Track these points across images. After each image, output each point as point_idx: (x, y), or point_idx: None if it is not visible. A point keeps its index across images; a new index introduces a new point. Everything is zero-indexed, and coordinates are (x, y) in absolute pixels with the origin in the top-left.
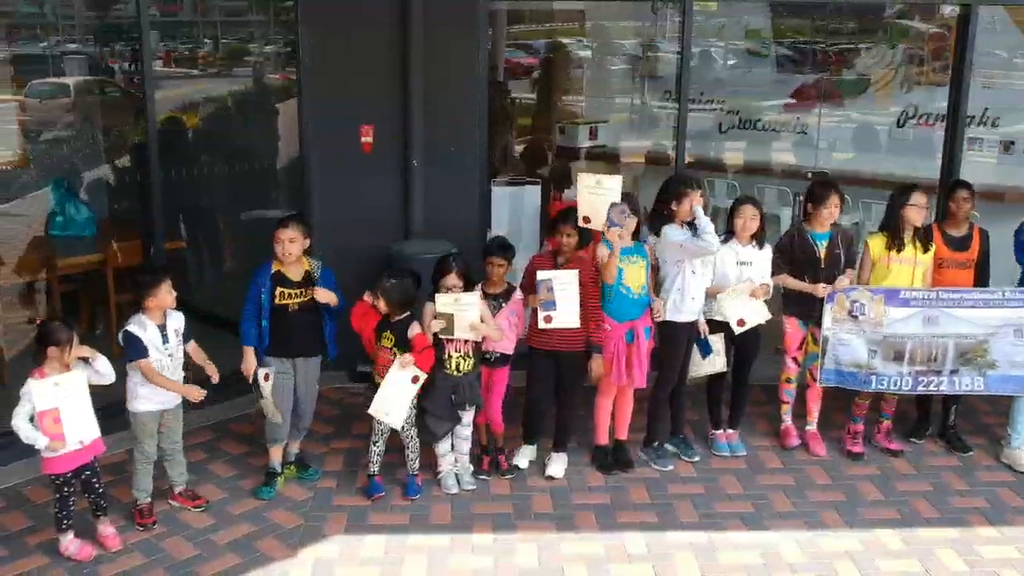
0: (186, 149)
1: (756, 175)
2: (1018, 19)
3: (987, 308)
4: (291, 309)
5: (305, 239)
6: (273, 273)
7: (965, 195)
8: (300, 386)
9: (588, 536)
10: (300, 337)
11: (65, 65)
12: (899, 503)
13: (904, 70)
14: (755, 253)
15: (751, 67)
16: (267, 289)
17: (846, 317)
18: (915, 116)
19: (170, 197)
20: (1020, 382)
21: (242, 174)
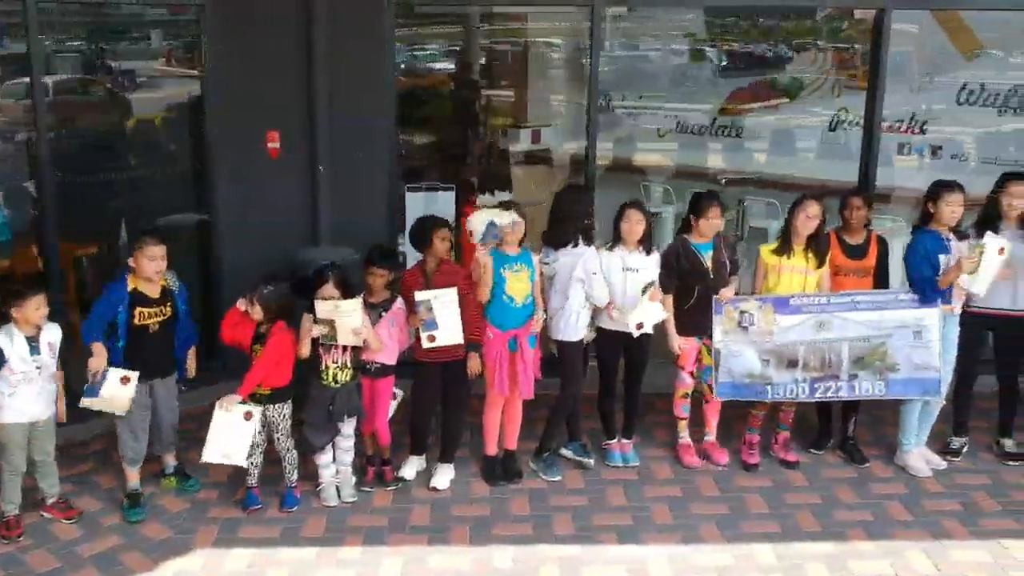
0: (135, 153)
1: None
2: (945, 23)
3: (881, 311)
4: (151, 329)
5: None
6: (130, 291)
7: (859, 203)
8: (160, 408)
9: (458, 550)
10: (158, 357)
11: (56, 64)
12: (784, 516)
13: (835, 74)
14: (642, 259)
15: (689, 70)
16: (125, 308)
17: (736, 328)
18: (846, 120)
19: (94, 201)
20: (922, 385)
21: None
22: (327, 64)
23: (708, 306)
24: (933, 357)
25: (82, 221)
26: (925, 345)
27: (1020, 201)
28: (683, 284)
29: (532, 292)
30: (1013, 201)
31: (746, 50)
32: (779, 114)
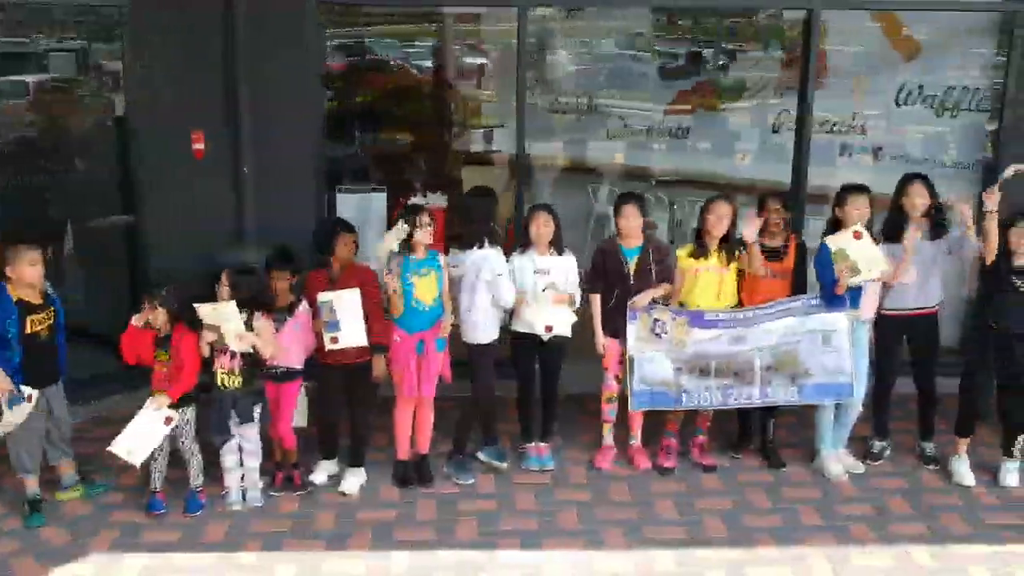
0: (60, 156)
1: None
2: (883, 25)
3: (790, 317)
4: (41, 337)
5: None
6: (15, 301)
7: (776, 206)
8: (56, 413)
9: (355, 555)
10: (51, 364)
11: (50, 62)
12: (692, 522)
13: (777, 75)
14: (553, 261)
15: (636, 71)
16: (14, 318)
17: (650, 335)
18: (788, 122)
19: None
20: (835, 390)
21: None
22: (251, 64)
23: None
24: (844, 361)
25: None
26: (835, 350)
27: (922, 200)
28: (606, 286)
29: (440, 295)
30: (915, 200)
31: (691, 51)
32: (723, 115)
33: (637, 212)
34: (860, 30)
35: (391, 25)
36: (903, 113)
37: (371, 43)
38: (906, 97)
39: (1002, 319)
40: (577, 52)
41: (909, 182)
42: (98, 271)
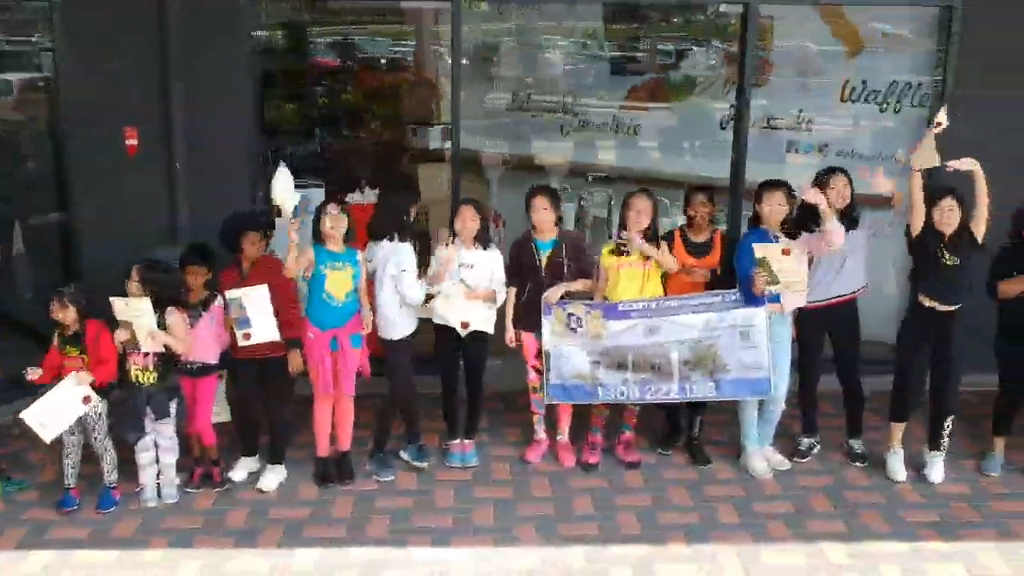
0: None
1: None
2: (829, 19)
3: (709, 312)
4: None
5: None
6: None
7: (703, 200)
8: None
9: (262, 553)
10: None
11: (42, 61)
12: (607, 518)
13: (724, 71)
14: (478, 255)
15: (589, 68)
16: None
17: (565, 330)
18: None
19: None
20: (753, 385)
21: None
22: (184, 60)
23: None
24: (762, 357)
25: None
26: (754, 345)
27: (844, 191)
28: (520, 279)
29: (356, 291)
30: (839, 189)
31: (642, 48)
32: (673, 112)
33: (548, 204)
34: (806, 26)
35: (345, 25)
36: (848, 109)
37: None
38: (851, 93)
39: (931, 295)
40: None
41: (831, 175)
42: (34, 269)
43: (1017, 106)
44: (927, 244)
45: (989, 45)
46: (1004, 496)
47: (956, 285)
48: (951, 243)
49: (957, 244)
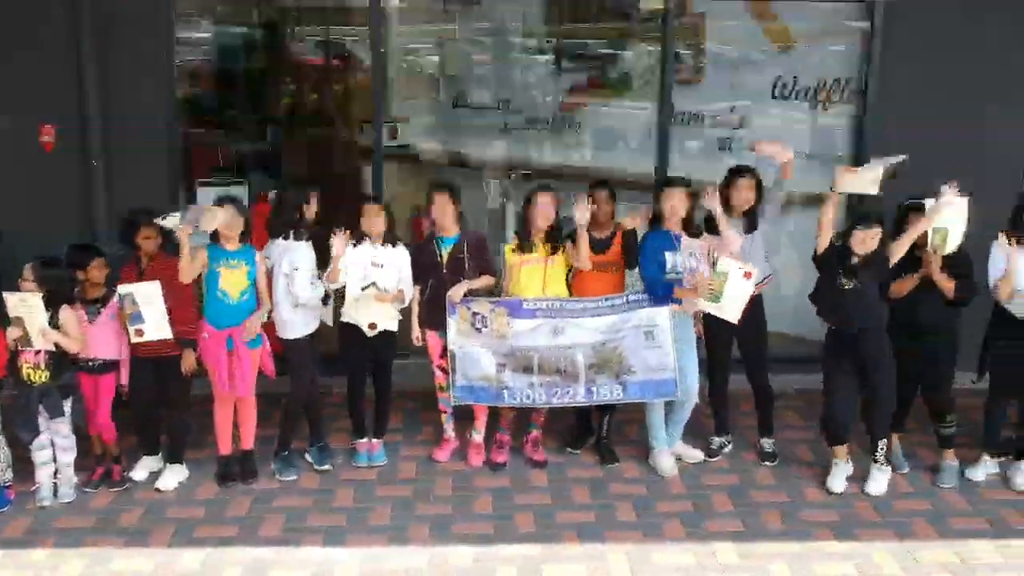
0: None
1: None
2: (759, 15)
3: (613, 314)
4: None
5: None
6: None
7: (604, 196)
8: None
9: (150, 552)
10: None
11: None
12: (503, 518)
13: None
14: (388, 254)
15: (531, 67)
16: None
17: (470, 329)
18: (673, 115)
19: None
20: (658, 386)
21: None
22: (101, 56)
23: (444, 301)
24: (667, 357)
25: None
26: (658, 345)
27: (748, 194)
28: (423, 277)
29: (253, 289)
30: (742, 194)
31: (582, 46)
32: (613, 109)
33: (448, 201)
34: (737, 24)
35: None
36: (779, 106)
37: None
38: (781, 90)
39: (828, 317)
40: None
41: (736, 176)
42: None
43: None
44: (831, 263)
45: (911, 41)
46: (908, 495)
47: (853, 308)
48: (858, 267)
49: (864, 268)
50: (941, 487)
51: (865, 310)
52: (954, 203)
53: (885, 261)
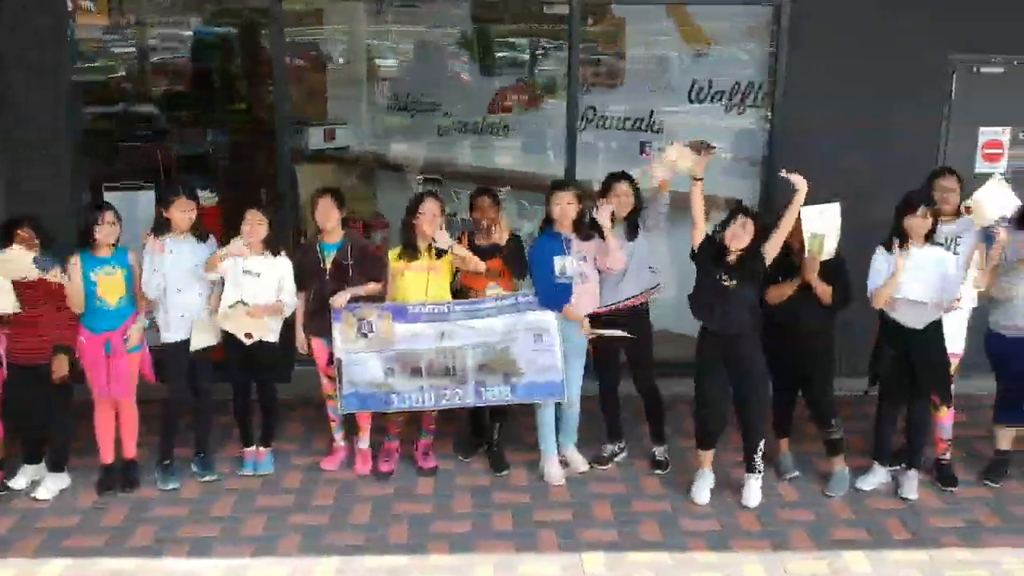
0: None
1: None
2: (677, 19)
3: (501, 316)
4: None
5: None
6: None
7: (487, 203)
8: None
9: (12, 562)
10: None
11: None
12: (378, 527)
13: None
14: (266, 263)
15: (462, 69)
16: None
17: (356, 336)
18: (594, 119)
19: None
20: (547, 389)
21: None
22: None
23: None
24: (555, 359)
25: None
26: (547, 348)
27: (627, 199)
28: (308, 283)
29: (130, 293)
30: (621, 199)
31: (510, 49)
32: (540, 113)
33: (332, 205)
34: (656, 27)
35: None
36: (697, 109)
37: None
38: (698, 93)
39: (707, 319)
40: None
41: (615, 182)
42: None
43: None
44: (706, 263)
45: (818, 42)
46: (794, 504)
47: (730, 310)
48: (736, 264)
49: (740, 266)
50: (829, 496)
51: (741, 313)
52: (826, 210)
53: (761, 259)
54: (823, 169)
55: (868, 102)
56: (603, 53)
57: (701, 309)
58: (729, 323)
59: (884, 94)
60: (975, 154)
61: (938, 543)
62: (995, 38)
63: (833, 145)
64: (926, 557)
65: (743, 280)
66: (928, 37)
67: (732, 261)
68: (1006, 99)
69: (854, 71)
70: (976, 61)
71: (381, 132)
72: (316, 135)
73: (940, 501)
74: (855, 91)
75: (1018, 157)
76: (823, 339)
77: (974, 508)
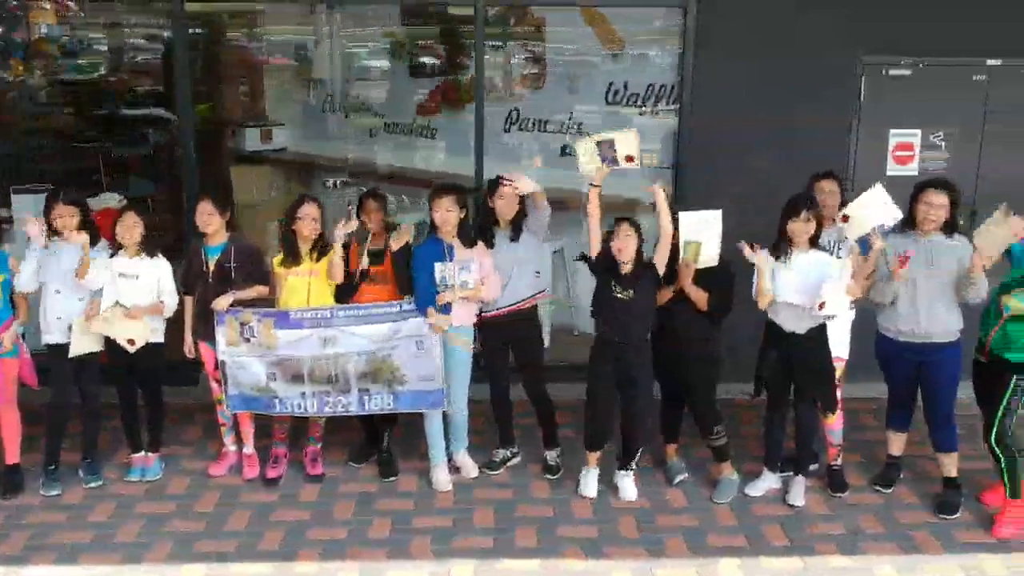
0: None
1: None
2: (591, 21)
3: (385, 322)
4: None
5: None
6: None
7: (373, 206)
8: None
9: None
10: None
11: None
12: (253, 535)
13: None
14: (143, 264)
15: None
16: None
17: (239, 339)
18: (518, 121)
19: None
20: (428, 397)
21: None
22: None
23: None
24: (435, 367)
25: None
26: (427, 354)
27: (512, 201)
28: (193, 286)
29: (7, 297)
30: (498, 203)
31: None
32: (463, 115)
33: (211, 208)
34: (575, 29)
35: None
36: (614, 112)
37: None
38: (614, 96)
39: (606, 326)
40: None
41: (501, 184)
42: None
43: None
44: (601, 273)
45: (722, 45)
46: (679, 511)
47: (628, 319)
48: (628, 275)
49: (633, 278)
50: (715, 502)
51: (634, 323)
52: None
53: (653, 268)
54: (732, 171)
55: (777, 104)
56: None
57: (601, 317)
58: (623, 333)
59: (793, 96)
60: (886, 156)
61: (815, 550)
62: (904, 40)
63: (742, 147)
64: (801, 564)
65: (637, 291)
66: (837, 38)
67: (625, 272)
68: (915, 101)
69: (762, 72)
70: (885, 63)
71: (314, 134)
72: (253, 136)
73: (827, 508)
74: (764, 93)
75: (930, 159)
76: (704, 346)
77: (859, 515)
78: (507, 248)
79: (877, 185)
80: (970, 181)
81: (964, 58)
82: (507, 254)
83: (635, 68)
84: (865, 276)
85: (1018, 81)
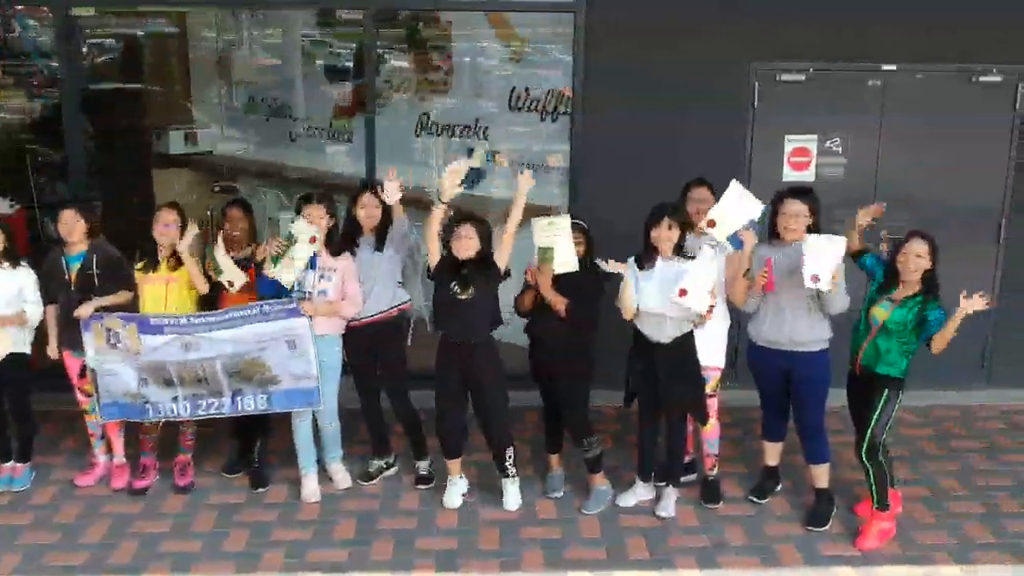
0: None
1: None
2: (495, 24)
3: (249, 325)
4: None
5: None
6: None
7: (238, 214)
8: None
9: None
10: None
11: None
12: (106, 547)
13: (415, 78)
14: (3, 274)
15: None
16: None
17: (106, 346)
18: (428, 125)
19: None
20: (304, 396)
21: None
22: None
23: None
24: (310, 366)
25: None
26: (301, 354)
27: (374, 211)
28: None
29: None
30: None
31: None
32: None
33: (76, 217)
34: (480, 31)
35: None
36: (517, 117)
37: None
38: (517, 100)
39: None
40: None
41: (361, 193)
42: None
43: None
44: (440, 275)
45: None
46: (545, 522)
47: (472, 317)
48: (467, 274)
49: (473, 275)
50: (584, 513)
51: (475, 322)
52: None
53: (494, 267)
54: (626, 175)
55: (669, 110)
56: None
57: (439, 320)
58: (464, 332)
59: (685, 101)
60: (782, 162)
61: (673, 564)
62: (795, 46)
63: (634, 152)
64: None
65: (477, 289)
66: (728, 45)
67: (464, 272)
68: (811, 107)
69: (654, 78)
70: (777, 69)
71: (237, 136)
72: (177, 139)
73: (697, 520)
74: (655, 98)
75: (827, 165)
76: (571, 354)
77: (726, 526)
78: (370, 257)
79: (733, 183)
80: (869, 186)
81: (859, 63)
82: (370, 264)
83: (535, 73)
84: (743, 274)
85: (914, 86)
